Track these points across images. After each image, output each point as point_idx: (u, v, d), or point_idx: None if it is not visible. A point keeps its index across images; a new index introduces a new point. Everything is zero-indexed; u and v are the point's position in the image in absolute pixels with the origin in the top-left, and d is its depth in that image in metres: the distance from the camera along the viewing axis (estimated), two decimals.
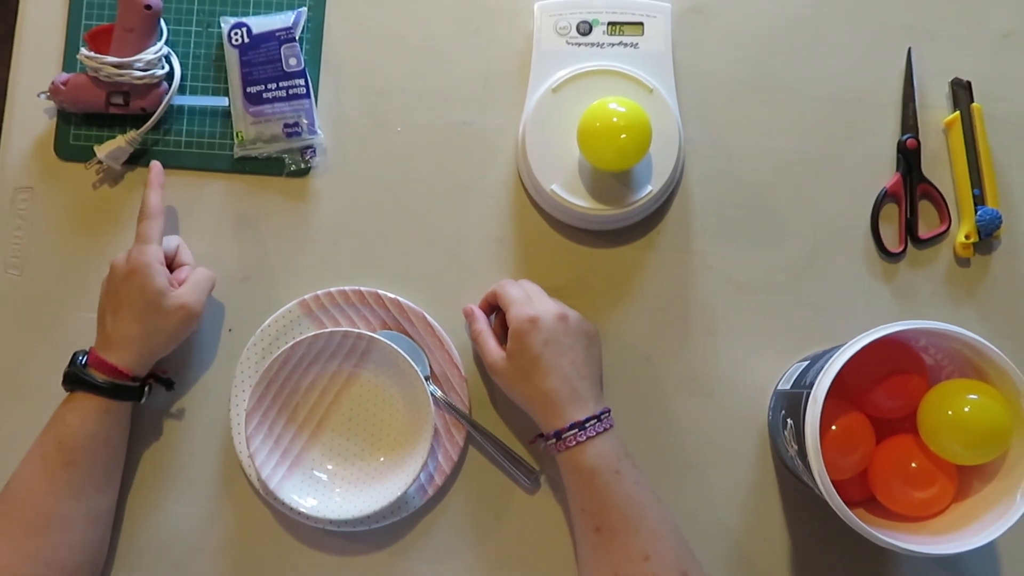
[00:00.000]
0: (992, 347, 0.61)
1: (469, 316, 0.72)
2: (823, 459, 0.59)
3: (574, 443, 0.64)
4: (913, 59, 0.76)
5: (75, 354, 0.68)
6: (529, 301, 0.68)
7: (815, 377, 0.61)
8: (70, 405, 0.67)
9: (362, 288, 0.73)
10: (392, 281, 0.74)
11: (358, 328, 0.72)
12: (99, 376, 0.67)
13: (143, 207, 0.70)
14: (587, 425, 0.64)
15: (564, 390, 0.65)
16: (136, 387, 0.68)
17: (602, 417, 0.65)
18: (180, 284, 0.70)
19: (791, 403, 0.65)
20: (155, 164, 0.73)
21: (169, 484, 0.73)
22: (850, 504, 0.67)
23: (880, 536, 0.58)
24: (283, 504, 0.69)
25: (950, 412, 0.61)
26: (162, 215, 0.70)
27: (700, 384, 0.74)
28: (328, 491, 0.70)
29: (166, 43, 0.75)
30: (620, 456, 0.64)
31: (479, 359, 0.73)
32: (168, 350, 0.70)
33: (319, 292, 0.73)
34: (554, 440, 0.65)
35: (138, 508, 0.73)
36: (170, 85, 0.75)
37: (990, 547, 0.72)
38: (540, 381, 0.65)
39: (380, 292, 0.73)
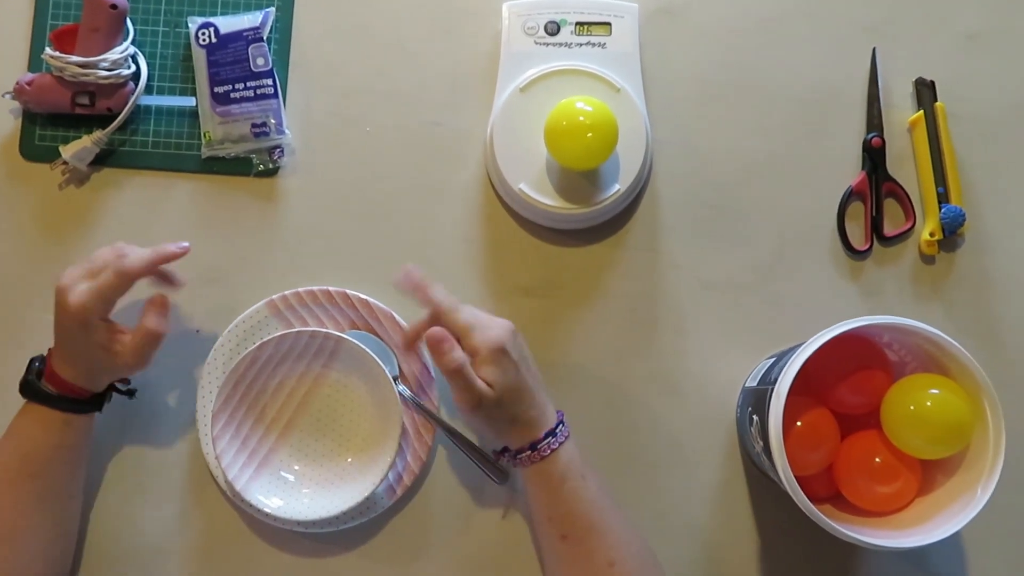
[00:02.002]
0: (953, 342, 0.61)
1: (442, 343, 0.62)
2: (788, 454, 0.60)
3: (548, 451, 0.63)
4: (878, 59, 0.77)
5: (31, 360, 0.67)
6: (483, 324, 0.64)
7: (779, 373, 0.62)
8: (30, 416, 0.66)
9: (330, 288, 0.73)
10: (361, 281, 0.74)
11: (326, 328, 0.72)
12: (54, 390, 0.66)
13: (132, 261, 0.64)
14: (557, 431, 0.64)
15: (538, 403, 0.64)
16: (93, 400, 0.67)
17: (556, 432, 0.64)
18: (124, 334, 0.66)
19: (757, 400, 0.65)
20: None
21: (135, 487, 0.72)
22: (817, 500, 0.68)
23: (842, 530, 0.59)
24: (250, 505, 0.68)
25: (912, 407, 0.61)
26: (136, 279, 0.65)
27: (668, 383, 0.74)
28: (295, 492, 0.70)
29: (133, 43, 0.75)
30: (582, 461, 0.64)
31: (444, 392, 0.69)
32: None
33: (287, 292, 0.73)
34: (529, 451, 0.63)
35: (104, 512, 0.72)
36: (137, 85, 0.74)
37: (956, 541, 0.73)
38: (523, 401, 0.63)
39: (348, 292, 0.73)
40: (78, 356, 0.66)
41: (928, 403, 0.60)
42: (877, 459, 0.64)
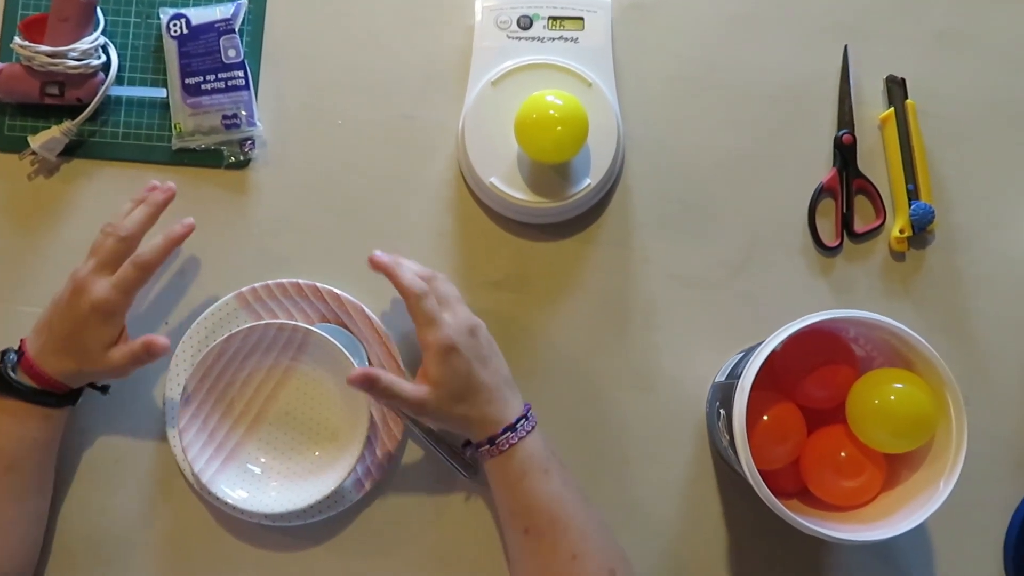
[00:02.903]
0: (916, 336, 0.61)
1: (366, 380, 0.62)
2: (754, 447, 0.60)
3: (507, 446, 0.63)
4: (849, 56, 0.77)
5: (4, 352, 0.66)
6: (440, 321, 0.63)
7: (745, 367, 0.62)
8: (6, 410, 0.65)
9: (300, 281, 0.73)
10: (331, 274, 0.74)
11: (295, 321, 0.72)
12: (33, 384, 0.65)
13: (149, 252, 0.65)
14: (517, 426, 0.64)
15: (496, 399, 0.64)
16: (71, 395, 0.67)
17: (528, 415, 0.64)
18: (127, 339, 0.66)
19: (725, 394, 0.65)
20: (188, 221, 0.68)
21: (102, 479, 0.72)
22: (784, 495, 0.68)
23: (805, 523, 0.59)
24: (217, 498, 0.68)
25: (876, 401, 0.61)
26: (157, 268, 0.66)
27: (639, 378, 0.74)
28: (262, 485, 0.69)
29: (104, 33, 0.75)
30: (547, 455, 0.64)
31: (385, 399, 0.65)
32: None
33: (256, 285, 0.73)
34: (487, 446, 0.64)
35: (70, 504, 0.71)
36: (107, 75, 0.74)
37: (923, 535, 0.73)
38: (476, 399, 0.63)
39: (318, 285, 0.73)
40: (78, 351, 0.65)
41: (892, 397, 0.61)
42: (842, 453, 0.64)
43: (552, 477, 0.63)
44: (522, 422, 0.64)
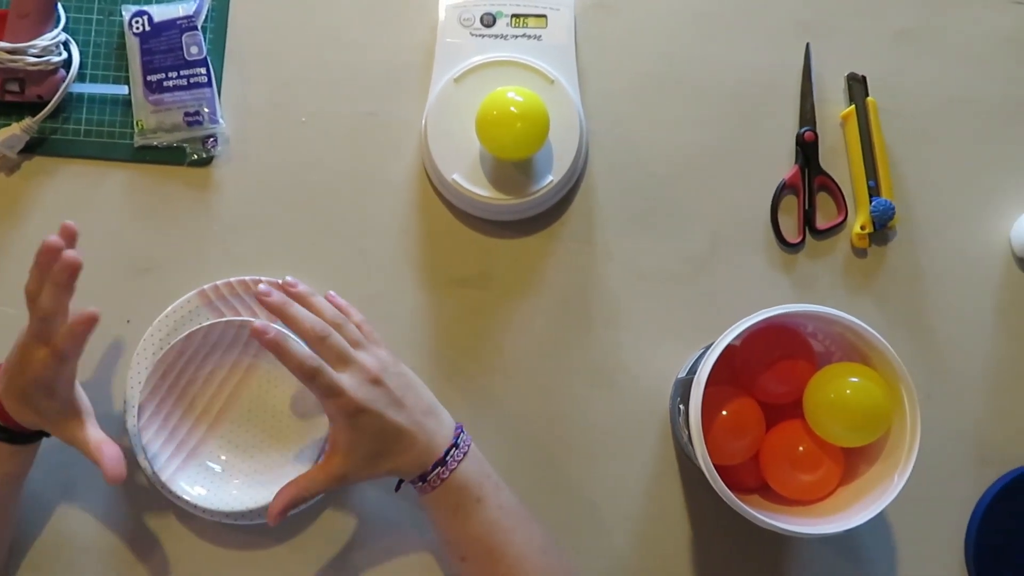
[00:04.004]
0: (871, 330, 0.62)
1: (279, 512, 0.60)
2: (712, 442, 0.60)
3: (439, 482, 0.61)
4: (811, 54, 0.77)
5: None
6: (338, 386, 0.59)
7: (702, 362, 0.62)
8: None
9: (263, 278, 0.72)
10: (295, 271, 0.73)
11: (258, 318, 0.72)
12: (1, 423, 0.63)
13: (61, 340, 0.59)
14: (447, 459, 0.62)
15: (420, 439, 0.61)
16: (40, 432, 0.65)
17: (459, 442, 0.63)
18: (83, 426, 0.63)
19: (685, 390, 0.65)
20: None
21: (62, 480, 0.71)
22: (745, 491, 0.68)
23: (760, 517, 0.59)
24: (178, 497, 0.68)
25: (832, 395, 0.62)
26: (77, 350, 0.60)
27: (603, 374, 0.74)
28: (224, 483, 0.69)
29: (64, 30, 0.74)
30: (480, 481, 0.62)
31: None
32: None
33: (219, 282, 0.72)
34: (420, 483, 0.62)
35: (27, 506, 0.71)
36: (68, 72, 0.74)
37: (886, 531, 0.73)
38: (397, 447, 0.61)
39: (280, 282, 0.72)
40: (36, 411, 0.61)
41: (847, 391, 0.61)
42: (800, 448, 0.64)
43: (486, 505, 0.62)
44: (452, 452, 0.62)
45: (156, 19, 0.74)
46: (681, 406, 0.65)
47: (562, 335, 0.75)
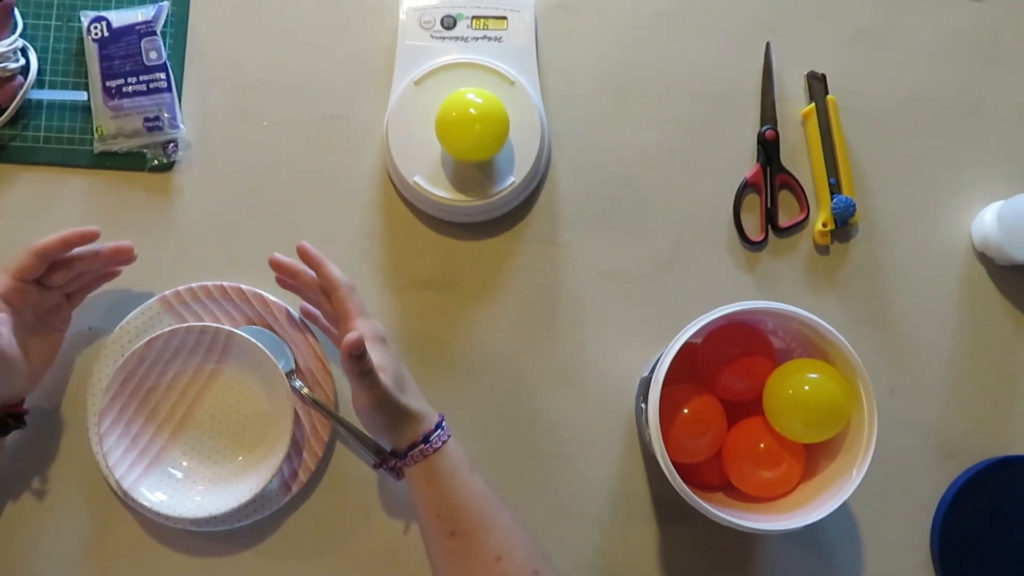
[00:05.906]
0: (828, 327, 0.62)
1: (360, 345, 0.58)
2: (674, 440, 0.60)
3: (439, 443, 0.63)
4: (772, 53, 0.78)
5: None
6: (367, 313, 0.66)
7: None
8: None
9: (225, 283, 0.72)
10: (258, 276, 0.73)
11: (220, 324, 0.71)
12: None
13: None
14: (443, 425, 0.64)
15: (420, 396, 0.65)
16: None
17: (443, 426, 0.64)
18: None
19: (646, 388, 0.66)
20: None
21: (24, 489, 0.71)
22: (709, 488, 0.68)
23: (720, 514, 0.59)
24: (140, 504, 0.67)
25: (790, 391, 0.62)
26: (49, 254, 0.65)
27: (568, 375, 0.74)
28: (186, 489, 0.69)
29: (22, 36, 0.74)
30: (468, 460, 0.64)
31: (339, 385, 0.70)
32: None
33: (180, 288, 0.72)
34: (422, 445, 0.62)
35: None
36: (26, 78, 0.73)
37: (852, 526, 0.73)
38: (410, 391, 0.64)
39: (243, 287, 0.72)
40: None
41: (805, 388, 0.61)
42: (761, 445, 0.64)
43: (476, 477, 0.63)
44: (438, 432, 0.63)
45: (115, 24, 0.74)
46: (643, 405, 0.66)
47: (527, 336, 0.75)
